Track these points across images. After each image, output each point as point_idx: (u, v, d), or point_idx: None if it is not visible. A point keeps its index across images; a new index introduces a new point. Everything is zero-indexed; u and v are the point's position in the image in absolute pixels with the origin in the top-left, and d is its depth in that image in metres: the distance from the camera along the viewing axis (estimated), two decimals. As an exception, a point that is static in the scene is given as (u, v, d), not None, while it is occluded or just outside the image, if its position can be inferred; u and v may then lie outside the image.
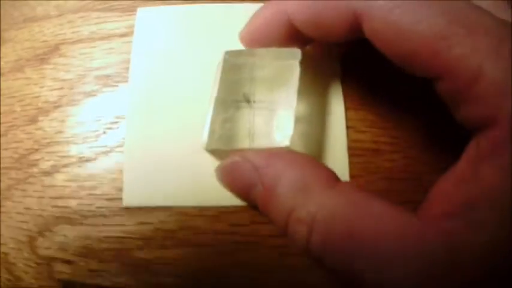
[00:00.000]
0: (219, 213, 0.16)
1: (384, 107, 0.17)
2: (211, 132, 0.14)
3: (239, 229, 0.16)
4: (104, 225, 0.16)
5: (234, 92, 0.15)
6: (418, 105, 0.17)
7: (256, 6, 0.16)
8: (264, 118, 0.15)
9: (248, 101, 0.15)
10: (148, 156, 0.16)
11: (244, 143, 0.15)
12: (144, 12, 0.18)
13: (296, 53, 0.14)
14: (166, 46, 0.17)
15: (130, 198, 0.16)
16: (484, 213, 0.11)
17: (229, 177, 0.15)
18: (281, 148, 0.14)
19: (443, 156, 0.16)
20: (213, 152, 0.15)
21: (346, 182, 0.13)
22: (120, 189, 0.16)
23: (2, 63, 0.19)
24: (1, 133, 0.18)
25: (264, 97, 0.15)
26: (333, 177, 0.13)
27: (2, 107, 0.18)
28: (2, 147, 0.18)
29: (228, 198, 0.15)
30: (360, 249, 0.12)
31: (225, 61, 0.15)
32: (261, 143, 0.14)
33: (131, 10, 0.18)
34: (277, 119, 0.14)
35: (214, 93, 0.14)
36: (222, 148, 0.15)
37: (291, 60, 0.14)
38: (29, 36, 0.19)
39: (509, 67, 0.10)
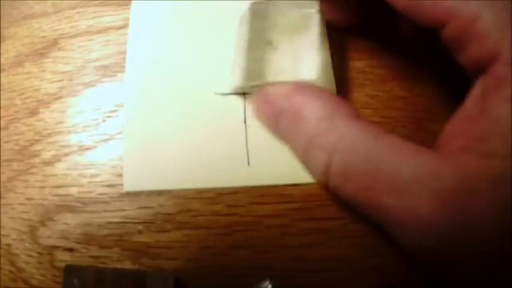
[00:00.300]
0: (216, 195, 0.16)
1: (374, 87, 0.17)
2: (245, 69, 0.15)
3: (237, 210, 0.16)
4: (104, 211, 0.16)
5: (260, 37, 0.16)
6: (408, 85, 0.17)
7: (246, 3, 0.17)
8: (290, 59, 0.15)
9: (272, 47, 0.15)
10: (147, 142, 0.17)
11: (275, 78, 0.15)
12: (138, 5, 0.19)
13: (314, 3, 0.16)
14: (161, 36, 0.18)
15: (130, 183, 0.16)
16: (494, 144, 0.11)
17: (261, 106, 0.15)
18: (309, 82, 0.15)
19: (435, 135, 0.17)
20: (242, 89, 0.16)
21: (367, 119, 0.14)
22: (120, 176, 0.16)
23: (2, 59, 0.20)
24: (2, 126, 0.18)
25: (288, 42, 0.16)
26: (355, 112, 0.14)
27: (3, 101, 0.19)
28: (3, 140, 0.18)
29: (226, 180, 0.16)
30: (379, 176, 0.12)
31: (251, 9, 0.16)
32: (289, 78, 0.15)
33: (126, 4, 0.19)
34: (302, 59, 0.15)
35: (244, 37, 0.15)
36: (254, 83, 0.15)
37: (310, 9, 0.15)
38: (28, 32, 0.20)
39: (504, 8, 0.12)
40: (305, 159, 0.14)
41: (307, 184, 0.16)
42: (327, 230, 0.16)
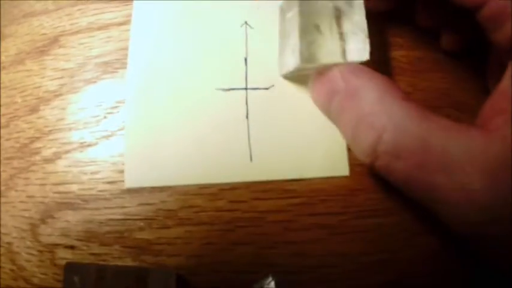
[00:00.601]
0: (218, 190, 0.16)
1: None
2: (301, 53, 0.15)
3: (239, 206, 0.16)
4: (105, 208, 0.16)
5: (309, 21, 0.16)
6: (412, 81, 0.17)
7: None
8: (338, 43, 0.15)
9: (319, 31, 0.16)
10: (148, 138, 0.16)
11: (328, 60, 0.15)
12: (140, 2, 0.19)
13: None
14: (163, 32, 0.18)
15: (131, 180, 0.16)
16: None
17: (318, 85, 0.15)
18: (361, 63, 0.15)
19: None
20: (293, 76, 0.17)
21: (417, 102, 0.14)
22: (121, 172, 0.16)
23: (3, 57, 0.20)
24: (3, 124, 0.18)
25: (335, 27, 0.16)
26: (404, 94, 0.14)
27: (3, 99, 0.19)
28: (4, 138, 0.18)
29: (228, 176, 0.16)
30: (430, 154, 0.12)
31: None
32: (340, 60, 0.15)
33: (128, 0, 0.19)
34: (351, 42, 0.15)
35: (294, 21, 0.15)
36: (310, 65, 0.16)
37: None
38: (28, 30, 0.20)
39: None
40: (353, 138, 0.14)
41: (310, 179, 0.16)
42: (330, 226, 0.15)
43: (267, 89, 0.17)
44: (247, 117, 0.16)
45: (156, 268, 0.15)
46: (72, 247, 0.16)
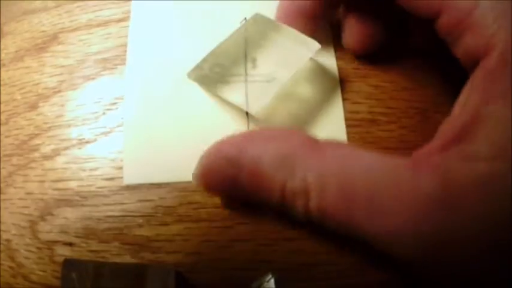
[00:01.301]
0: (218, 187, 0.16)
1: (379, 78, 0.17)
2: (199, 67, 0.15)
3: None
4: (104, 204, 0.16)
5: (240, 50, 0.15)
6: (413, 76, 0.17)
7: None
8: (254, 84, 0.15)
9: (254, 65, 0.15)
10: (147, 134, 0.16)
11: (221, 92, 0.15)
12: (139, -2, 0.19)
13: (313, 45, 0.15)
14: (162, 29, 0.18)
15: (130, 176, 0.16)
16: (477, 143, 0.10)
17: (209, 181, 0.14)
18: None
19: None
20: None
21: (326, 140, 0.13)
22: (120, 169, 0.16)
23: (2, 54, 0.20)
24: (2, 121, 0.18)
25: (263, 66, 0.15)
26: (312, 140, 0.13)
27: (3, 96, 0.19)
28: (3, 135, 0.18)
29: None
30: (356, 203, 0.11)
31: (253, 19, 0.15)
32: (236, 101, 0.14)
33: (127, -4, 0.19)
34: (262, 89, 0.15)
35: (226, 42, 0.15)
36: (201, 85, 0.15)
37: (305, 49, 0.15)
38: (28, 27, 0.20)
39: (502, 1, 0.11)
40: (284, 208, 0.13)
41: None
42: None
43: (267, 82, 0.17)
44: (247, 113, 0.16)
45: (155, 265, 0.15)
46: (71, 244, 0.16)
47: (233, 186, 0.13)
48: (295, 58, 0.15)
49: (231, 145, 0.13)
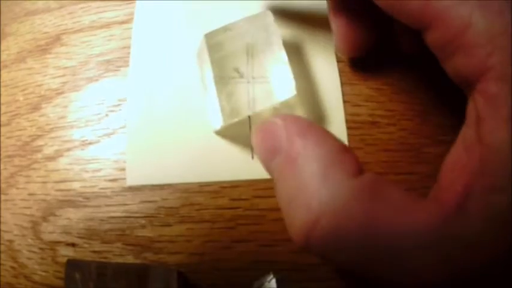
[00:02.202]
0: (220, 188, 0.16)
1: (379, 81, 0.17)
2: (222, 109, 0.14)
3: (240, 203, 0.16)
4: (107, 205, 0.16)
5: (226, 68, 0.15)
6: (412, 79, 0.17)
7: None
8: (261, 83, 0.15)
9: (241, 73, 0.15)
10: (150, 136, 0.17)
11: (251, 110, 0.15)
12: (143, 0, 0.19)
13: (267, 14, 0.15)
14: (165, 31, 0.18)
15: (133, 177, 0.16)
16: (497, 176, 0.10)
17: (260, 136, 0.13)
18: (290, 100, 0.14)
19: (439, 128, 0.17)
20: (225, 131, 0.16)
21: (369, 174, 0.12)
22: (123, 170, 0.16)
23: (4, 55, 0.20)
24: (5, 122, 0.18)
25: (254, 64, 0.15)
26: (357, 167, 0.12)
27: (5, 98, 0.19)
28: (5, 136, 0.18)
29: (229, 174, 0.16)
30: (377, 247, 0.10)
31: (206, 43, 0.15)
32: (267, 104, 0.14)
33: (130, -2, 0.19)
34: (273, 78, 0.15)
35: (209, 75, 0.15)
36: (232, 121, 0.15)
37: (265, 21, 0.15)
38: (30, 28, 0.20)
39: (498, 18, 0.10)
40: (285, 213, 0.12)
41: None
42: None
43: (269, 83, 0.17)
44: (249, 115, 0.16)
45: (157, 265, 0.15)
46: (73, 245, 0.16)
47: (271, 157, 0.13)
48: (266, 36, 0.15)
49: (297, 122, 0.13)
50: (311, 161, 0.12)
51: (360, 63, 0.17)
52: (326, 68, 0.17)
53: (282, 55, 0.14)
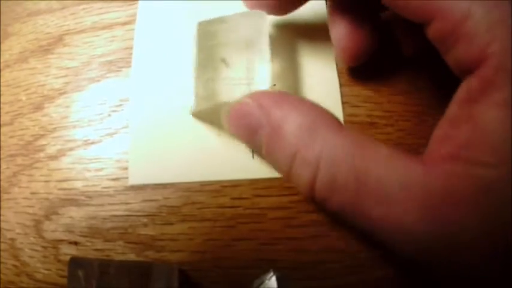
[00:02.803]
0: (221, 187, 0.16)
1: (377, 83, 0.17)
2: (197, 93, 0.15)
3: (241, 202, 0.16)
4: (109, 204, 0.16)
5: (212, 57, 0.15)
6: (410, 80, 0.18)
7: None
8: (243, 74, 0.15)
9: (226, 64, 0.15)
10: (152, 136, 0.17)
11: (227, 97, 0.15)
12: (146, 1, 0.19)
13: (261, 13, 0.16)
14: (167, 31, 0.18)
15: (135, 176, 0.16)
16: (481, 152, 0.11)
17: (236, 119, 0.14)
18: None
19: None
20: (201, 114, 0.16)
21: (351, 127, 0.13)
22: (125, 169, 0.17)
23: (6, 55, 0.20)
24: (7, 122, 0.18)
25: (240, 57, 0.15)
26: (339, 123, 0.13)
27: (7, 97, 0.19)
28: (8, 135, 0.18)
29: (229, 173, 0.16)
30: (367, 188, 0.12)
31: (199, 30, 0.15)
32: (243, 93, 0.14)
33: (132, 0, 0.19)
34: (255, 72, 0.15)
35: (194, 60, 0.15)
36: (207, 106, 0.15)
37: (258, 19, 0.15)
38: (33, 29, 0.20)
39: (497, 8, 0.11)
40: (289, 175, 0.13)
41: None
42: (329, 222, 0.16)
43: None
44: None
45: (159, 263, 0.15)
46: (76, 243, 0.16)
47: (253, 135, 0.14)
48: (257, 34, 0.15)
49: (266, 97, 0.13)
50: (294, 123, 0.13)
51: (358, 65, 0.18)
52: (325, 70, 0.17)
53: (267, 54, 0.15)
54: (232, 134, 0.15)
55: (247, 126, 0.14)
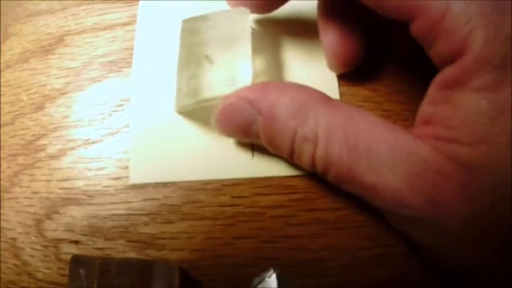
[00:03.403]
0: (221, 186, 0.16)
1: (375, 82, 0.18)
2: (179, 90, 0.15)
3: (241, 201, 0.16)
4: (110, 203, 0.17)
5: (195, 54, 0.16)
6: (408, 80, 0.18)
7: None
8: (226, 71, 0.15)
9: (209, 60, 0.15)
10: (153, 135, 0.17)
11: (210, 93, 0.15)
12: (146, 1, 0.19)
13: (245, 11, 0.16)
14: (168, 31, 0.18)
15: (136, 175, 0.16)
16: (460, 132, 0.12)
17: (227, 119, 0.15)
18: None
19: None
20: (187, 112, 0.16)
21: (339, 100, 0.14)
22: (126, 168, 0.17)
23: (7, 56, 0.20)
24: (9, 121, 0.19)
25: (223, 54, 0.16)
26: (326, 96, 0.14)
27: (9, 97, 0.19)
28: (9, 135, 0.18)
29: (230, 172, 0.16)
30: (358, 154, 0.12)
31: (183, 28, 0.16)
32: (225, 91, 0.15)
33: (133, 1, 0.19)
34: (237, 69, 0.15)
35: (177, 57, 0.15)
36: (190, 102, 0.15)
37: (241, 17, 0.16)
38: (34, 29, 0.20)
39: (475, 1, 0.11)
40: (293, 156, 0.14)
41: (310, 175, 0.16)
42: (329, 221, 0.16)
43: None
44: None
45: (160, 262, 0.16)
46: (77, 242, 0.16)
47: (248, 129, 0.14)
48: (239, 31, 0.16)
49: (251, 91, 0.14)
50: (287, 107, 0.13)
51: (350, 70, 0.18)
52: (324, 69, 0.18)
53: (248, 50, 0.15)
54: (226, 135, 0.15)
55: (240, 123, 0.14)
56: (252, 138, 0.15)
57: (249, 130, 0.14)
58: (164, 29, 0.19)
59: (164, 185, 0.16)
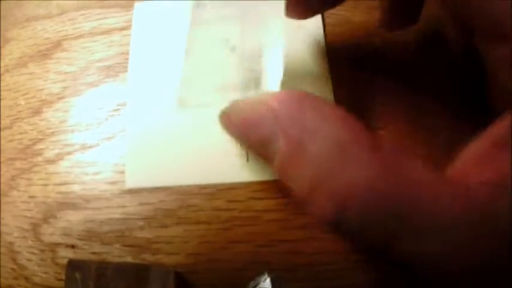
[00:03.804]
0: (216, 190, 0.16)
1: (371, 83, 0.18)
2: (184, 78, 0.15)
3: (236, 205, 0.16)
4: (106, 207, 0.17)
5: (210, 34, 0.15)
6: (402, 81, 0.18)
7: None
8: (250, 59, 0.14)
9: (232, 46, 0.14)
10: (149, 140, 0.17)
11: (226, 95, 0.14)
12: (141, 6, 0.19)
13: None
14: (163, 36, 0.19)
15: (132, 180, 0.17)
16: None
17: (244, 127, 0.12)
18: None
19: (431, 131, 0.17)
20: (189, 104, 0.16)
21: (387, 146, 0.10)
22: (122, 173, 0.17)
23: (6, 60, 0.20)
24: (6, 126, 0.19)
25: (248, 39, 0.15)
26: (375, 140, 0.10)
27: (7, 102, 0.19)
28: (7, 139, 0.18)
29: (225, 176, 0.16)
30: (404, 226, 0.10)
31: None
32: (247, 82, 0.13)
33: (130, 6, 0.19)
34: (264, 61, 0.14)
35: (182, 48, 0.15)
36: (195, 93, 0.15)
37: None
38: (32, 34, 0.20)
39: None
40: (306, 201, 0.11)
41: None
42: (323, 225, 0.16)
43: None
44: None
45: (155, 266, 0.16)
46: (73, 246, 0.16)
47: (264, 148, 0.11)
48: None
49: (279, 98, 0.11)
50: (322, 146, 0.10)
51: (352, 66, 0.18)
52: (317, 71, 0.18)
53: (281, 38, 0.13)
54: (234, 139, 0.13)
55: (257, 138, 0.11)
56: (263, 157, 0.12)
57: (264, 147, 0.11)
58: (159, 32, 0.19)
59: (159, 189, 0.16)
